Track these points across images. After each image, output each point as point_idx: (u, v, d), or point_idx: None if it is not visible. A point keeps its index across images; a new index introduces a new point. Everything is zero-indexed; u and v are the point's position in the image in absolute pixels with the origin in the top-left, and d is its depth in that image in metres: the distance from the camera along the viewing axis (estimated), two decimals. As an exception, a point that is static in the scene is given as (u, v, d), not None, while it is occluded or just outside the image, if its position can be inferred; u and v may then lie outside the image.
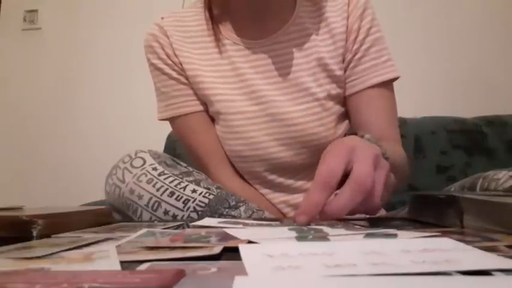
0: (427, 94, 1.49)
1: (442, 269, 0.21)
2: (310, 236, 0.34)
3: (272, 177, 0.73)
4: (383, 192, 0.40)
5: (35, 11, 1.80)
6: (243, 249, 0.26)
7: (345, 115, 0.74)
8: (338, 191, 0.40)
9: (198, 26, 0.75)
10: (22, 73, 1.80)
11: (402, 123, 1.17)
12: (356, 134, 0.51)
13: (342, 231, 0.37)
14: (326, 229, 0.38)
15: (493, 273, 0.21)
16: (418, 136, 1.24)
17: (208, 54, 0.73)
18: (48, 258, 0.28)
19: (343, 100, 0.73)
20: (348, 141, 0.44)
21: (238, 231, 0.38)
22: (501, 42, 1.49)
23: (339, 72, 0.71)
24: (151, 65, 0.75)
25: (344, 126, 0.73)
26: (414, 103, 1.35)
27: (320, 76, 0.71)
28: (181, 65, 0.73)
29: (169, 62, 0.73)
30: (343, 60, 0.72)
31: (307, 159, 0.71)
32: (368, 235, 0.34)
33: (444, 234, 0.33)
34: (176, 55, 0.73)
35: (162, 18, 0.76)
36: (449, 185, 0.69)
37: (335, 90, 0.71)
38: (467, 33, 1.50)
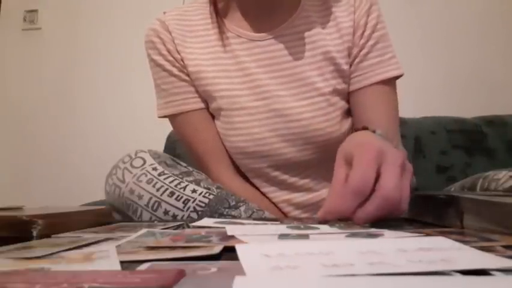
0: (427, 94, 1.48)
1: (438, 268, 0.21)
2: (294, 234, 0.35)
3: (276, 174, 0.72)
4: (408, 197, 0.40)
5: (35, 11, 1.80)
6: (240, 249, 0.26)
7: (350, 111, 0.73)
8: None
9: (201, 20, 0.74)
10: (22, 73, 1.80)
11: (402, 123, 1.17)
12: (366, 128, 0.52)
13: (326, 229, 0.38)
14: (310, 231, 0.38)
15: (490, 272, 0.21)
16: (418, 136, 1.24)
17: (211, 48, 0.72)
18: (48, 258, 0.28)
19: (347, 95, 0.72)
20: (375, 143, 0.44)
21: (228, 227, 0.40)
22: (501, 42, 1.49)
23: (345, 67, 0.70)
24: (152, 61, 0.74)
25: (348, 122, 0.72)
26: (414, 103, 1.35)
27: (326, 70, 0.70)
28: (183, 61, 0.72)
29: (170, 58, 0.72)
30: (349, 55, 0.71)
31: (311, 155, 0.70)
32: (350, 235, 0.34)
33: (444, 234, 0.33)
34: (178, 51, 0.72)
35: (164, 12, 0.75)
36: (449, 185, 0.69)
37: (340, 85, 0.70)
38: (467, 33, 1.50)
